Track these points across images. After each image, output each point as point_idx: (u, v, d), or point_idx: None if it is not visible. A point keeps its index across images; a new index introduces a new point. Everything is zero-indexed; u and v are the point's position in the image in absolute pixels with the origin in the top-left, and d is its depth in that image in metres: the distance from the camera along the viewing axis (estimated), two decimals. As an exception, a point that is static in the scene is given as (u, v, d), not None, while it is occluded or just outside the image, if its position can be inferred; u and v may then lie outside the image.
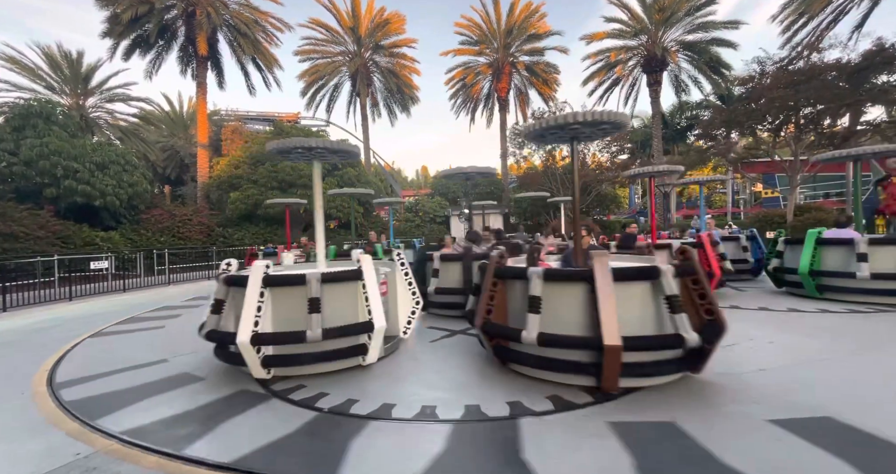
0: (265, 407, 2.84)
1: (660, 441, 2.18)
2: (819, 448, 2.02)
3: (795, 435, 2.14)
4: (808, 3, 17.16)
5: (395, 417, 2.58)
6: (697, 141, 19.69)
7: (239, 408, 2.81)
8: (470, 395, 2.88)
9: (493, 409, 2.63)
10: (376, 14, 27.01)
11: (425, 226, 25.37)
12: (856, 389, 2.74)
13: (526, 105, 28.41)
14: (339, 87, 28.85)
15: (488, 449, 2.20)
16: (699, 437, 2.18)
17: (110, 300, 9.11)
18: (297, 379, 3.34)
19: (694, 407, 2.56)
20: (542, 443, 2.19)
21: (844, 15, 17.00)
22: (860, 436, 2.12)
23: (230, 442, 2.35)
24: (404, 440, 2.31)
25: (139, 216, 18.10)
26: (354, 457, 2.14)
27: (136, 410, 2.87)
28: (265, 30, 22.57)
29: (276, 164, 20.25)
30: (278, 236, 20.54)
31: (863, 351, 3.53)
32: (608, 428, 2.33)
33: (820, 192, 24.58)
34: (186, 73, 22.23)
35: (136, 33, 20.19)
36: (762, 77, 14.96)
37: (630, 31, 22.54)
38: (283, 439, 2.36)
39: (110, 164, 16.29)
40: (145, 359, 4.10)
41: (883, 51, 13.03)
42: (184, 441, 2.38)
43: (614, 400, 2.71)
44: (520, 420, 2.47)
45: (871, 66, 13.09)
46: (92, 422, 2.67)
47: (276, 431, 2.45)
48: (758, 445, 2.09)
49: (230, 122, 29.75)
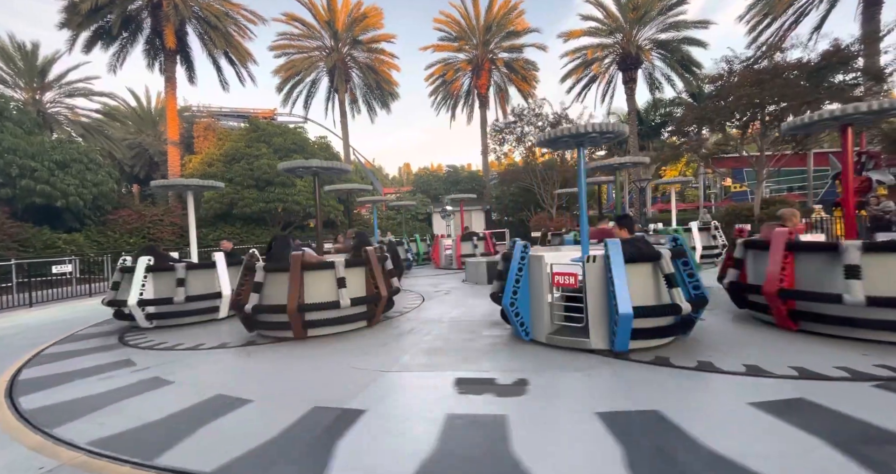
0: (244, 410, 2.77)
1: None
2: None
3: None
4: (771, 4, 17.92)
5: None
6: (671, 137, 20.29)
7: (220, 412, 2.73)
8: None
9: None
10: (353, 8, 26.52)
11: (407, 224, 25.23)
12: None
13: (506, 102, 28.60)
14: (316, 83, 28.25)
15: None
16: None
17: (75, 306, 8.65)
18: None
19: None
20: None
21: (805, 16, 17.87)
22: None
23: (211, 449, 2.26)
24: None
25: (105, 217, 17.25)
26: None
27: (101, 417, 2.74)
28: (237, 23, 21.79)
29: (252, 162, 19.68)
30: (256, 236, 20.00)
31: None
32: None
33: (784, 186, 25.83)
34: (154, 67, 21.25)
35: (98, 24, 19.12)
36: (730, 75, 15.53)
37: (606, 30, 22.97)
38: (268, 444, 2.28)
39: (72, 163, 15.43)
40: (110, 365, 3.96)
41: (839, 51, 13.74)
42: (156, 449, 2.28)
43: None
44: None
45: (828, 65, 13.78)
46: (54, 433, 2.54)
47: (261, 436, 2.36)
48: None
49: (202, 119, 28.64)
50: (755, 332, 3.99)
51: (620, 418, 2.34)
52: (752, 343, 3.64)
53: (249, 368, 3.76)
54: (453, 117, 29.92)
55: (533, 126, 21.56)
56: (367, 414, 2.55)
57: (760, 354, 3.29)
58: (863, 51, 14.23)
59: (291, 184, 19.74)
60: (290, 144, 21.55)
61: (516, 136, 22.16)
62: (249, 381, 3.37)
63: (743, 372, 2.94)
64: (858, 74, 14.06)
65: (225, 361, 4.00)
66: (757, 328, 4.13)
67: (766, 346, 3.52)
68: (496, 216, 26.26)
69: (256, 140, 21.19)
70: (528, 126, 21.70)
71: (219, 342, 4.66)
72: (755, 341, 3.69)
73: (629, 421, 2.31)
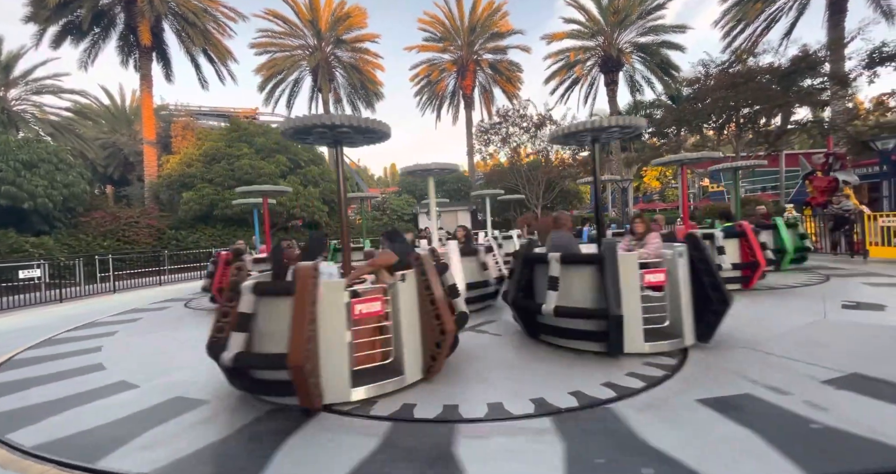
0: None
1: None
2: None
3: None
4: (744, 10, 18.59)
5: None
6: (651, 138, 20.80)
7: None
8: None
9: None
10: (336, 7, 26.26)
11: (393, 224, 25.10)
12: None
13: (491, 102, 28.77)
14: (299, 82, 27.84)
15: None
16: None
17: (43, 312, 8.28)
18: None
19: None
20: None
21: (775, 23, 18.60)
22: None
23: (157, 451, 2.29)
24: None
25: (77, 219, 16.56)
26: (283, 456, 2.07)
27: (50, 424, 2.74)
28: (216, 20, 21.28)
29: (233, 162, 19.24)
30: (237, 237, 19.55)
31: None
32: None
33: (758, 186, 26.77)
34: (128, 64, 20.55)
35: (67, 19, 18.37)
36: (706, 79, 16.01)
37: (588, 32, 23.38)
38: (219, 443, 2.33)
39: (40, 163, 14.76)
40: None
41: (807, 57, 14.35)
42: (100, 451, 2.31)
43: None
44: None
45: (797, 70, 14.37)
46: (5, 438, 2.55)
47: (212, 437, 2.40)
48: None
49: (180, 118, 27.83)
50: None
51: None
52: None
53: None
54: (439, 118, 29.97)
55: (518, 127, 21.75)
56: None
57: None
58: (829, 56, 14.89)
59: (274, 184, 19.39)
60: (272, 144, 21.16)
61: (501, 137, 22.31)
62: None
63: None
64: (825, 79, 14.70)
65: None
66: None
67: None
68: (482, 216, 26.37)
69: (237, 140, 20.72)
70: (513, 127, 21.88)
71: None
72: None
73: None
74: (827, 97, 14.79)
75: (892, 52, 13.66)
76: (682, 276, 3.42)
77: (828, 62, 14.88)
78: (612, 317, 3.20)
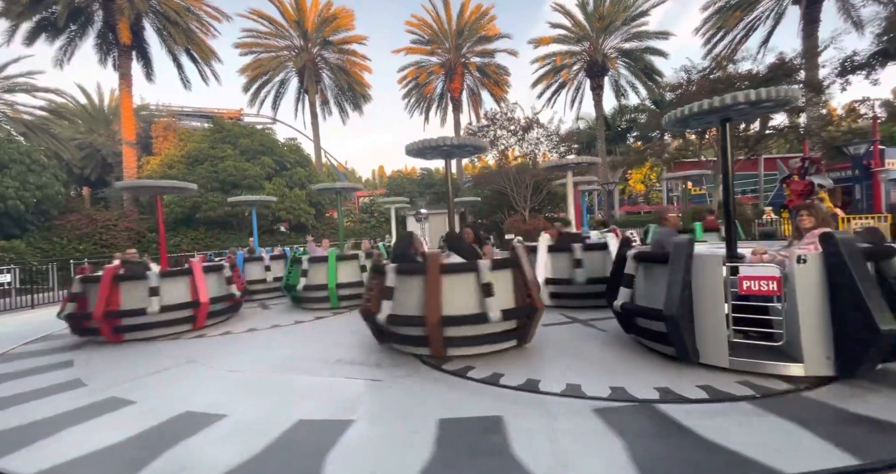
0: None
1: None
2: None
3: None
4: (724, 18, 19.15)
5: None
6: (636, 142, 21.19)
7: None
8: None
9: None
10: (323, 8, 26.06)
11: (381, 227, 24.92)
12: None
13: (479, 105, 28.90)
14: (285, 83, 27.50)
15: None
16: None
17: (13, 318, 7.91)
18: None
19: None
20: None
21: (753, 31, 19.23)
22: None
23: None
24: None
25: (51, 222, 15.95)
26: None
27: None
28: (200, 19, 20.85)
29: (216, 164, 18.84)
30: (221, 241, 19.12)
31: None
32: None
33: (738, 189, 27.52)
34: (107, 62, 19.95)
35: (42, 15, 17.76)
36: (689, 84, 16.41)
37: (574, 38, 23.74)
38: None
39: (11, 164, 14.20)
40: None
41: (784, 64, 14.85)
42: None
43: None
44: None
45: (775, 77, 14.85)
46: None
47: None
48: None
49: (162, 118, 27.17)
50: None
51: None
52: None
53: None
54: (427, 120, 29.96)
55: (505, 130, 21.88)
56: None
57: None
58: (804, 64, 15.44)
59: (259, 186, 19.04)
60: (257, 145, 20.81)
61: (490, 140, 22.42)
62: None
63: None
64: (801, 86, 15.23)
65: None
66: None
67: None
68: (471, 219, 26.39)
69: (221, 141, 20.32)
70: (501, 130, 22.01)
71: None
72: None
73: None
74: (802, 104, 15.33)
75: (863, 61, 14.25)
76: (803, 287, 2.77)
77: (803, 70, 15.43)
78: (668, 317, 2.99)
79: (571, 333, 4.47)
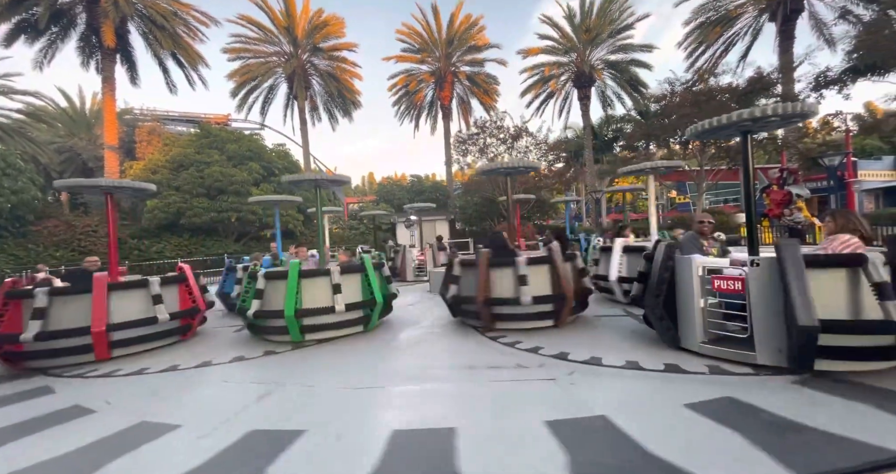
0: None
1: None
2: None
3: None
4: (705, 33, 19.83)
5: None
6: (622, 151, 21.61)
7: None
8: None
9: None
10: (313, 15, 26.09)
11: (370, 234, 24.78)
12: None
13: (469, 113, 29.17)
14: (274, 89, 27.31)
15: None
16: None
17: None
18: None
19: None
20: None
21: (733, 46, 19.96)
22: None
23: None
24: None
25: (27, 228, 15.43)
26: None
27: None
28: (187, 23, 20.65)
29: (202, 169, 18.53)
30: (206, 248, 18.74)
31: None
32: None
33: (721, 198, 28.25)
34: (89, 65, 19.56)
35: (21, 16, 17.36)
36: (672, 96, 16.89)
37: (561, 49, 24.25)
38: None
39: (-15, 168, 13.71)
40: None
41: (762, 78, 15.42)
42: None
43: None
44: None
45: (753, 90, 15.40)
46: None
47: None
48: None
49: (146, 123, 26.69)
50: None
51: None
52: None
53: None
54: (417, 127, 30.07)
55: (495, 138, 22.12)
56: None
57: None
58: (780, 78, 16.05)
59: (246, 192, 18.78)
60: (245, 151, 20.57)
61: (479, 148, 22.60)
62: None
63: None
64: (778, 99, 15.82)
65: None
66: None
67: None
68: (460, 226, 26.47)
69: (208, 146, 20.03)
70: (491, 138, 22.24)
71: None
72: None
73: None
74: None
75: (835, 76, 14.88)
76: (755, 286, 3.09)
77: (779, 84, 16.03)
78: (643, 305, 3.87)
79: (612, 323, 5.01)
